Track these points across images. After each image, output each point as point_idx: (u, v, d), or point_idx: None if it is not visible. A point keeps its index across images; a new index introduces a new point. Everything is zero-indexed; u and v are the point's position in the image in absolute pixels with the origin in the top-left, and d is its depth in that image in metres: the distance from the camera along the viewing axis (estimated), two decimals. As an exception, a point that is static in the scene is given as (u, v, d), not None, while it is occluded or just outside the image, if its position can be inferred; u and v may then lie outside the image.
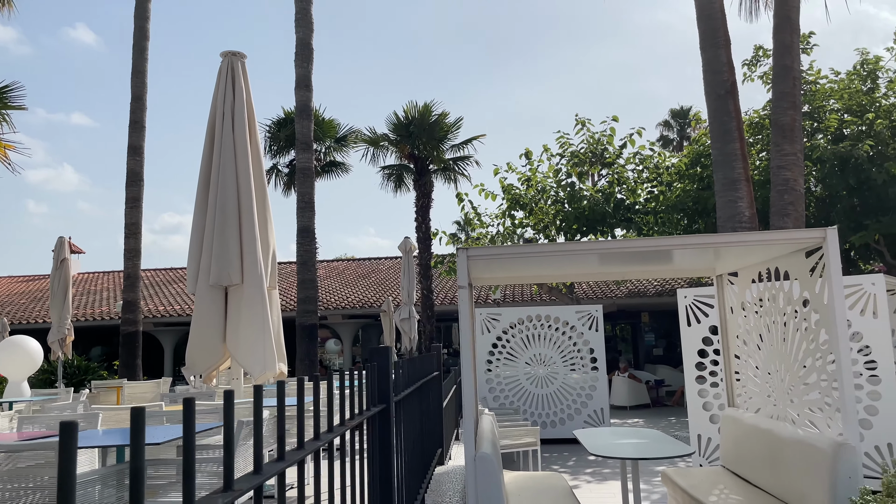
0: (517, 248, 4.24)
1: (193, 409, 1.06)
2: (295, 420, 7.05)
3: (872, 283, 7.08)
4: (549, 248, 4.22)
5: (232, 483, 1.17)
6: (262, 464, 1.29)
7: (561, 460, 9.92)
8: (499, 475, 3.88)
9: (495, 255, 4.21)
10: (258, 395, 1.35)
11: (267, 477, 1.27)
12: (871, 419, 6.99)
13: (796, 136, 10.57)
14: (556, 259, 4.67)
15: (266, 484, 8.10)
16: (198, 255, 6.92)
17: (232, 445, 1.17)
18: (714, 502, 4.40)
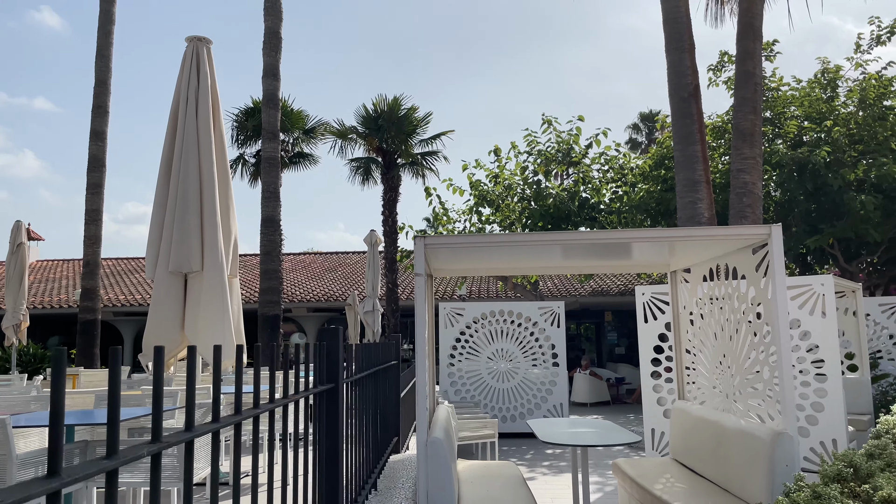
0: (474, 238, 4.30)
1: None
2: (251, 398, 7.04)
3: (822, 284, 7.30)
4: (506, 239, 4.29)
5: (160, 435, 1.20)
6: (193, 423, 1.33)
7: (519, 453, 10.03)
8: (449, 460, 3.94)
9: (452, 245, 4.26)
10: (191, 357, 1.39)
11: (196, 434, 1.31)
12: (818, 416, 7.22)
13: (756, 141, 10.82)
14: (515, 250, 4.75)
15: (222, 472, 8.02)
16: (157, 241, 6.86)
17: (160, 399, 1.20)
18: (660, 490, 4.52)
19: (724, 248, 4.69)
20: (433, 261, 5.34)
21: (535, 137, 14.21)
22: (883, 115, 13.47)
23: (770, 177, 14.16)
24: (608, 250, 4.98)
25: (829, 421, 7.09)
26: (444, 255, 5.00)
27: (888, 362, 11.19)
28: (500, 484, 4.78)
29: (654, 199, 14.34)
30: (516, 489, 4.57)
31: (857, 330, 8.83)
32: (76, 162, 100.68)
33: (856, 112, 14.00)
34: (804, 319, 7.36)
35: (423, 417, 3.98)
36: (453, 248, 4.35)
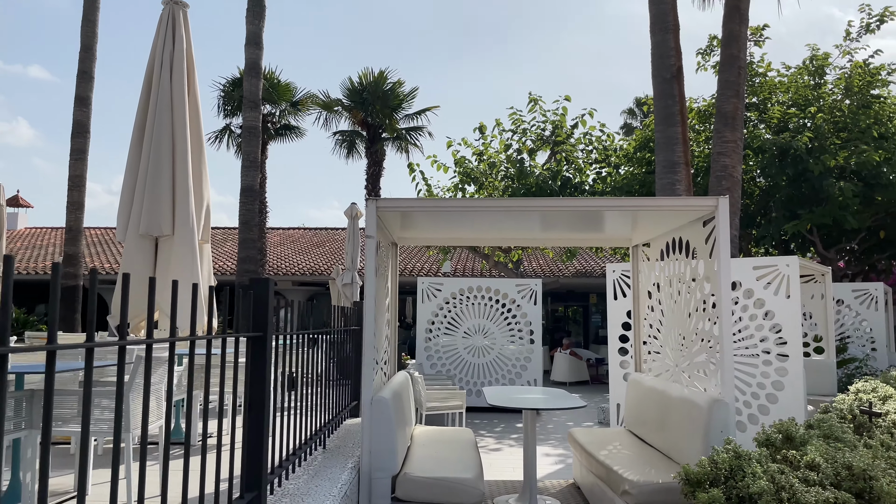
0: (426, 202, 4.35)
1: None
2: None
3: (787, 265, 7.38)
4: (458, 204, 4.34)
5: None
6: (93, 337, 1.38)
7: (490, 426, 10.16)
8: (394, 419, 4.02)
9: (405, 208, 4.31)
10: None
11: (97, 344, 1.36)
12: (778, 394, 7.34)
13: (737, 125, 10.84)
14: (470, 216, 4.80)
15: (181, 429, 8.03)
16: (129, 204, 6.88)
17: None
18: (604, 456, 4.62)
19: (678, 221, 4.76)
20: (392, 227, 5.40)
21: (521, 116, 14.21)
22: (868, 103, 13.51)
23: (755, 162, 14.21)
24: (567, 221, 5.04)
25: (789, 400, 7.20)
26: (399, 220, 5.05)
27: (858, 347, 11.34)
28: (451, 446, 4.88)
29: (637, 181, 14.39)
30: (465, 451, 4.67)
31: (825, 313, 8.95)
32: (69, 131, 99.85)
33: (842, 100, 14.03)
34: (768, 299, 7.45)
35: (368, 378, 4.05)
36: (406, 211, 4.40)
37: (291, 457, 3.50)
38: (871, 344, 11.21)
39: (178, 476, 4.26)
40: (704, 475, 3.14)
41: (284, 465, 3.33)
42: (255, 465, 2.66)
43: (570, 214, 4.61)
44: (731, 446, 3.48)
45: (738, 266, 7.77)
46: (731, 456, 3.17)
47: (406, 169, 78.54)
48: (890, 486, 3.12)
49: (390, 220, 5.11)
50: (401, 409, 4.50)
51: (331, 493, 3.31)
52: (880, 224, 13.82)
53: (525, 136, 14.06)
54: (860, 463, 3.18)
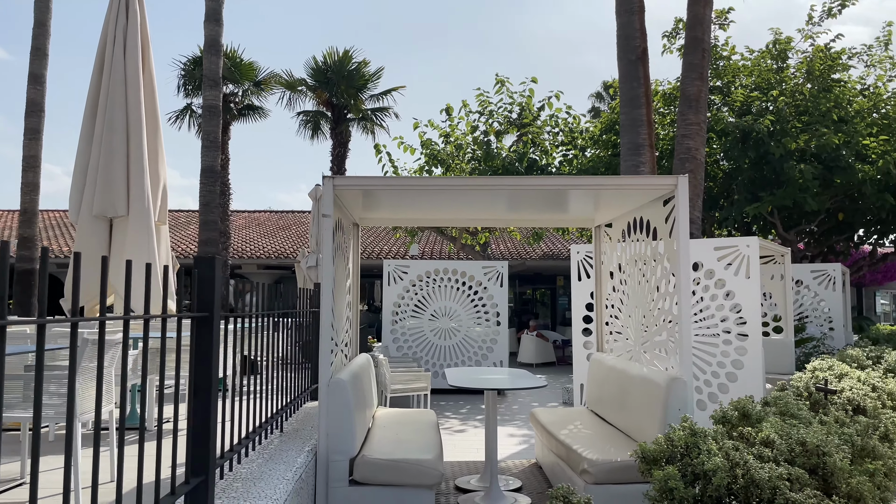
0: (384, 180, 4.26)
1: None
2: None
3: (747, 246, 7.46)
4: (416, 182, 4.26)
5: None
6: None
7: (455, 408, 10.17)
8: (351, 401, 3.95)
9: (362, 186, 4.22)
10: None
11: (48, 320, 1.26)
12: (738, 373, 7.44)
13: (701, 107, 10.90)
14: (429, 195, 4.73)
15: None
16: (82, 183, 6.66)
17: None
18: (565, 435, 4.62)
19: (639, 200, 4.75)
20: (353, 207, 5.30)
21: (488, 97, 14.13)
22: (828, 87, 13.71)
23: (719, 144, 14.35)
24: (530, 200, 4.99)
25: (748, 378, 7.31)
26: (360, 200, 4.96)
27: (816, 327, 11.58)
28: (412, 427, 4.83)
29: (603, 163, 14.44)
30: (426, 432, 4.63)
31: (784, 293, 9.09)
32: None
33: (803, 84, 14.21)
34: (729, 279, 7.53)
35: (325, 360, 3.98)
36: (367, 190, 4.31)
37: (244, 440, 3.42)
38: (828, 323, 11.45)
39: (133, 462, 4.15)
40: (660, 453, 3.14)
41: (236, 449, 3.25)
42: (201, 449, 2.57)
43: (532, 193, 4.56)
44: (687, 424, 3.49)
45: (699, 247, 7.84)
46: (686, 433, 3.17)
47: (372, 150, 77.52)
48: (843, 462, 3.16)
49: (350, 200, 5.01)
50: (360, 392, 4.44)
51: (285, 476, 3.24)
52: (839, 206, 14.09)
53: (492, 118, 13.98)
54: (814, 439, 3.21)
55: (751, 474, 2.84)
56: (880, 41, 14.88)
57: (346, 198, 4.80)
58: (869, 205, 13.03)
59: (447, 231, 14.80)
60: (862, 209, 13.63)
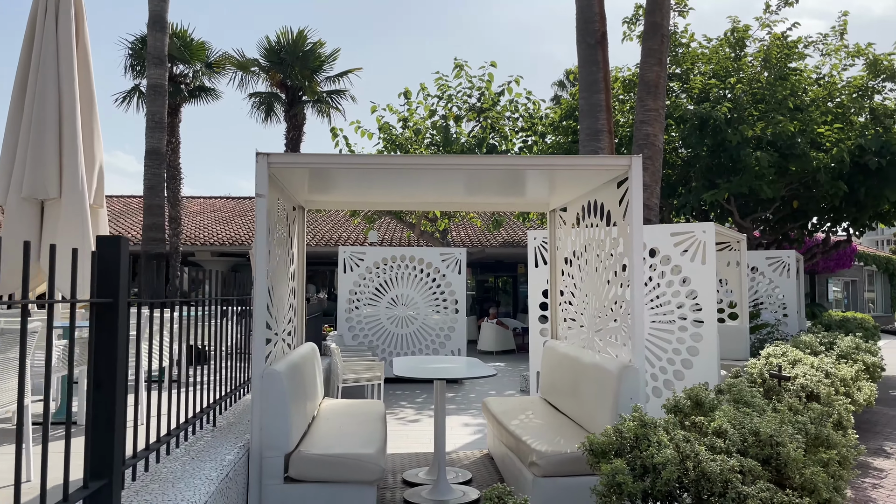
0: (324, 158, 4.00)
1: None
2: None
3: (703, 231, 7.39)
4: (357, 161, 4.02)
5: None
6: None
7: (411, 397, 9.98)
8: (286, 393, 3.71)
9: (300, 164, 3.96)
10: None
11: None
12: (693, 360, 7.39)
13: (660, 93, 10.82)
14: (381, 176, 4.49)
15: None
16: (10, 164, 6.26)
17: None
18: (516, 425, 4.45)
19: (593, 182, 4.58)
20: (297, 188, 5.03)
21: (447, 81, 13.88)
22: (785, 75, 13.79)
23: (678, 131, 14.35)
24: (483, 182, 4.79)
25: (703, 366, 7.26)
26: (305, 181, 4.70)
27: (771, 313, 11.68)
28: (358, 420, 4.62)
29: (563, 149, 14.33)
30: (371, 425, 4.41)
31: (740, 280, 9.09)
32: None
33: (760, 72, 14.28)
34: (685, 265, 7.46)
35: (259, 349, 3.73)
36: (306, 168, 4.04)
37: (166, 437, 3.16)
38: (782, 310, 11.55)
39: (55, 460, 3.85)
40: (609, 445, 2.98)
41: (153, 448, 2.99)
42: (103, 449, 2.31)
43: (482, 173, 4.36)
44: (637, 414, 3.34)
45: (656, 232, 7.75)
46: (636, 424, 3.02)
47: (329, 134, 76.81)
48: (797, 453, 3.04)
49: (293, 181, 4.74)
50: (299, 383, 4.20)
51: (209, 476, 3.00)
52: (794, 194, 14.24)
53: (451, 103, 13.74)
54: (767, 429, 3.09)
55: (702, 467, 2.69)
56: (836, 30, 15.03)
57: (287, 178, 4.53)
58: (823, 193, 13.17)
59: (406, 217, 14.56)
60: (816, 197, 13.79)
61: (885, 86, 14.04)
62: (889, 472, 6.44)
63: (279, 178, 4.40)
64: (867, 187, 13.10)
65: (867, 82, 14.05)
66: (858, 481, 6.09)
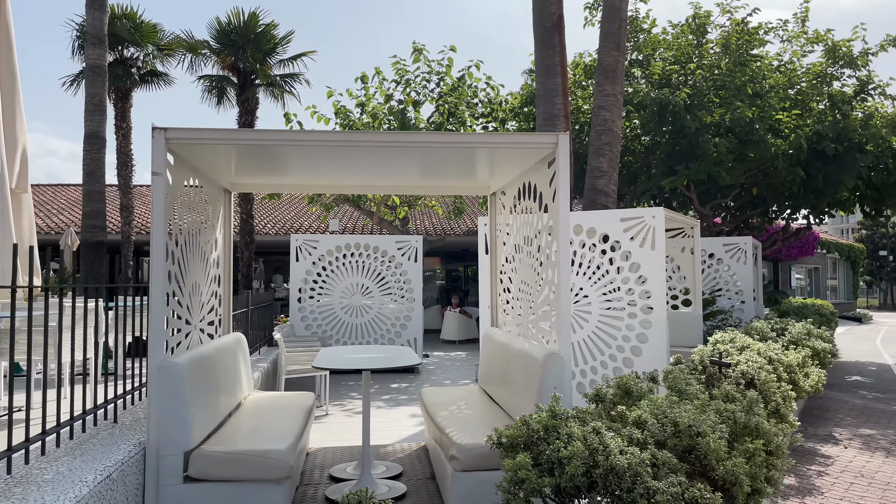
0: (233, 133, 3.74)
1: None
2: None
3: (653, 217, 7.25)
4: (268, 136, 3.75)
5: None
6: None
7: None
8: (186, 386, 3.46)
9: (202, 140, 3.68)
10: None
11: None
12: (642, 346, 7.26)
13: (618, 78, 10.66)
14: (304, 157, 4.24)
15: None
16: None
17: None
18: (443, 417, 4.25)
19: (523, 161, 4.37)
20: (217, 169, 4.75)
21: (405, 66, 13.58)
22: (745, 61, 13.73)
23: (637, 118, 14.25)
24: (414, 162, 4.56)
25: (653, 353, 7.14)
26: (231, 161, 4.44)
27: (727, 300, 11.64)
28: (280, 413, 4.38)
29: (523, 136, 14.13)
30: (291, 419, 4.18)
31: (693, 266, 8.99)
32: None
33: (721, 57, 14.21)
34: (634, 251, 7.31)
35: (157, 340, 3.46)
36: (206, 144, 3.77)
37: (38, 437, 2.89)
38: (739, 297, 11.53)
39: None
40: (518, 438, 2.79)
41: (17, 448, 2.72)
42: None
43: (406, 152, 4.13)
44: (550, 405, 3.15)
45: (606, 218, 7.59)
46: (547, 415, 2.82)
47: (279, 117, 75.06)
48: (717, 444, 2.87)
49: (215, 162, 4.47)
50: (209, 375, 3.94)
51: (84, 479, 2.74)
52: (753, 181, 14.22)
53: (409, 87, 13.45)
54: (685, 419, 2.92)
55: (610, 461, 2.51)
56: (797, 17, 15.02)
57: (203, 158, 4.26)
58: (781, 179, 13.15)
59: (364, 205, 14.27)
60: (775, 184, 13.78)
61: (844, 72, 14.06)
62: (836, 458, 6.38)
63: (190, 156, 4.13)
64: (825, 174, 13.12)
65: (826, 69, 14.07)
66: (804, 468, 6.02)
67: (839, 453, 6.58)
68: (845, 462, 6.26)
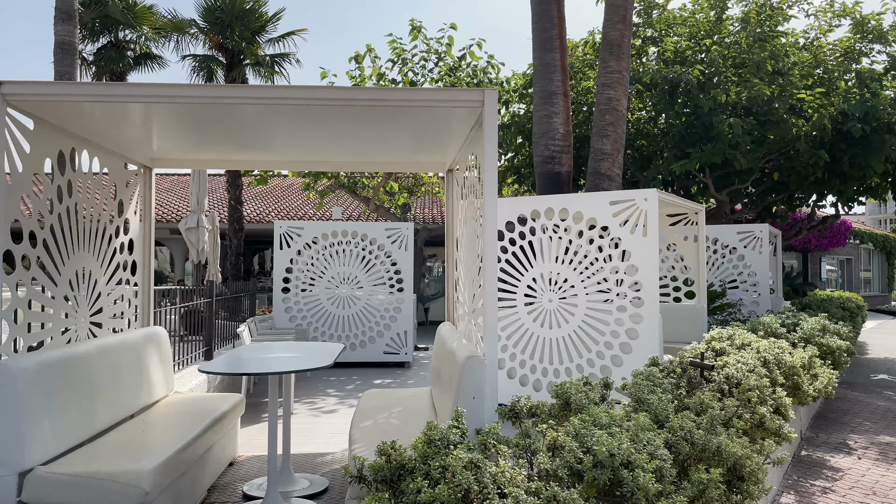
0: (88, 88, 3.14)
1: None
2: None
3: (645, 199, 6.53)
4: (120, 92, 3.14)
5: None
6: None
7: (341, 384, 9.18)
8: (20, 396, 2.88)
9: (53, 96, 3.09)
10: None
11: None
12: (632, 343, 6.56)
13: (623, 53, 9.86)
14: (223, 124, 3.63)
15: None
16: None
17: None
18: (363, 427, 3.64)
19: (459, 128, 3.71)
20: (132, 141, 4.18)
21: (402, 45, 12.92)
22: (765, 37, 12.78)
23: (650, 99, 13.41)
24: (351, 133, 3.94)
25: (643, 351, 6.43)
26: (152, 133, 3.87)
27: (743, 292, 10.82)
28: (177, 421, 3.81)
29: (528, 118, 13.41)
30: (184, 427, 3.60)
31: (697, 256, 8.23)
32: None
33: (741, 33, 13.27)
34: (625, 238, 6.60)
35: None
36: (60, 101, 3.16)
37: None
38: (754, 289, 10.70)
39: None
40: (379, 472, 2.15)
41: None
42: None
43: (323, 115, 3.51)
44: (454, 422, 2.51)
45: (593, 201, 6.88)
46: (423, 441, 2.19)
47: None
48: (646, 479, 2.20)
49: (116, 132, 3.90)
50: (83, 379, 3.37)
51: None
52: (774, 165, 13.29)
53: (406, 66, 12.79)
54: (604, 446, 2.25)
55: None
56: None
57: (96, 126, 3.68)
58: (803, 163, 12.23)
59: (360, 191, 13.69)
60: (797, 168, 12.84)
61: (873, 48, 13.04)
62: (846, 472, 5.63)
63: (68, 122, 3.55)
64: (851, 157, 12.16)
65: (854, 44, 13.06)
66: (807, 484, 5.28)
67: (851, 465, 5.82)
68: (856, 476, 5.50)
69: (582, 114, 14.14)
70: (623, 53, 10.00)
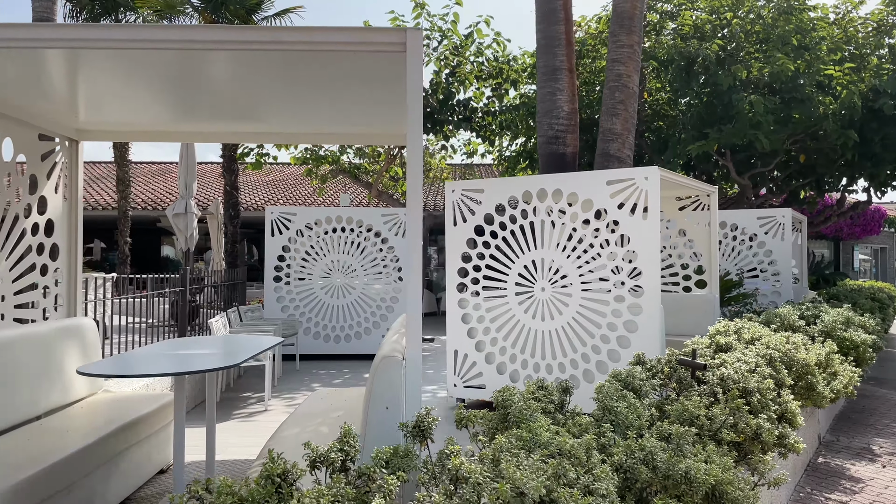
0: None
1: None
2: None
3: (645, 178, 5.90)
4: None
5: None
6: None
7: (330, 377, 8.70)
8: None
9: None
10: None
11: None
12: (630, 336, 5.96)
13: (635, 26, 9.16)
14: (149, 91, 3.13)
15: None
16: None
17: None
18: (286, 436, 3.12)
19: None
20: (60, 110, 3.69)
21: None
22: (790, 9, 11.93)
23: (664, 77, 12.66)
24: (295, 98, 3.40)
25: (643, 344, 5.83)
26: (78, 100, 3.40)
27: (762, 281, 10.10)
28: (76, 424, 3.33)
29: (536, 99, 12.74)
30: (79, 434, 3.12)
31: (709, 241, 7.56)
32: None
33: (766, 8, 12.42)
34: (623, 220, 5.99)
35: None
36: None
37: None
38: (775, 278, 9.97)
39: None
40: (260, 498, 1.63)
41: None
42: None
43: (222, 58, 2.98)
44: (345, 442, 1.97)
45: (589, 180, 6.28)
46: (263, 475, 1.65)
47: None
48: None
49: (51, 97, 3.41)
50: None
51: None
52: (800, 147, 12.46)
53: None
54: (524, 478, 1.69)
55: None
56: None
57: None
58: (831, 144, 11.40)
59: (363, 176, 13.17)
60: (825, 150, 12.01)
61: (909, 20, 12.12)
62: (868, 482, 4.97)
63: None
64: (883, 137, 11.31)
65: (887, 17, 12.15)
66: (821, 497, 4.64)
67: (873, 474, 5.16)
68: (879, 488, 4.85)
69: (595, 94, 13.42)
70: (635, 27, 9.29)
